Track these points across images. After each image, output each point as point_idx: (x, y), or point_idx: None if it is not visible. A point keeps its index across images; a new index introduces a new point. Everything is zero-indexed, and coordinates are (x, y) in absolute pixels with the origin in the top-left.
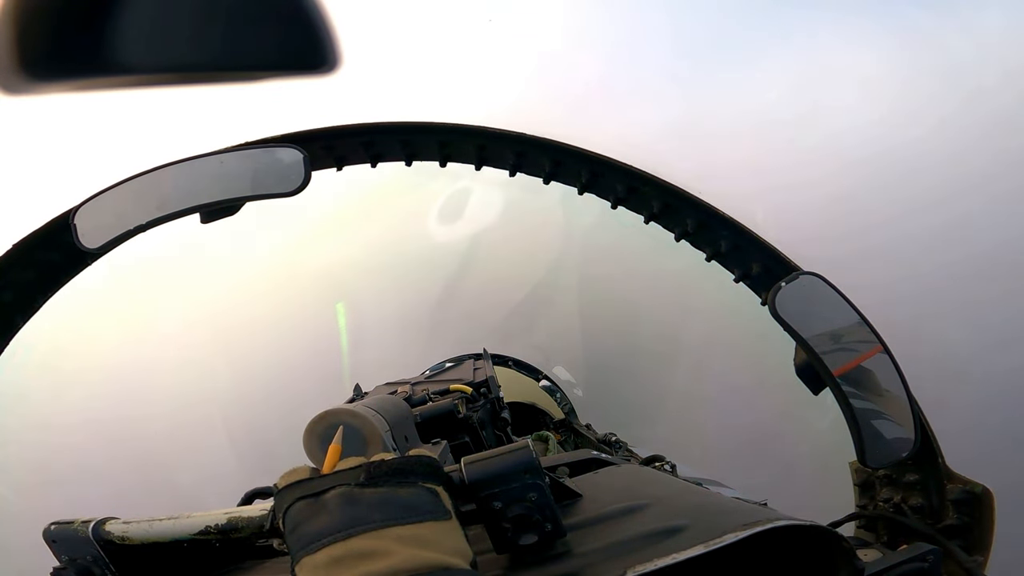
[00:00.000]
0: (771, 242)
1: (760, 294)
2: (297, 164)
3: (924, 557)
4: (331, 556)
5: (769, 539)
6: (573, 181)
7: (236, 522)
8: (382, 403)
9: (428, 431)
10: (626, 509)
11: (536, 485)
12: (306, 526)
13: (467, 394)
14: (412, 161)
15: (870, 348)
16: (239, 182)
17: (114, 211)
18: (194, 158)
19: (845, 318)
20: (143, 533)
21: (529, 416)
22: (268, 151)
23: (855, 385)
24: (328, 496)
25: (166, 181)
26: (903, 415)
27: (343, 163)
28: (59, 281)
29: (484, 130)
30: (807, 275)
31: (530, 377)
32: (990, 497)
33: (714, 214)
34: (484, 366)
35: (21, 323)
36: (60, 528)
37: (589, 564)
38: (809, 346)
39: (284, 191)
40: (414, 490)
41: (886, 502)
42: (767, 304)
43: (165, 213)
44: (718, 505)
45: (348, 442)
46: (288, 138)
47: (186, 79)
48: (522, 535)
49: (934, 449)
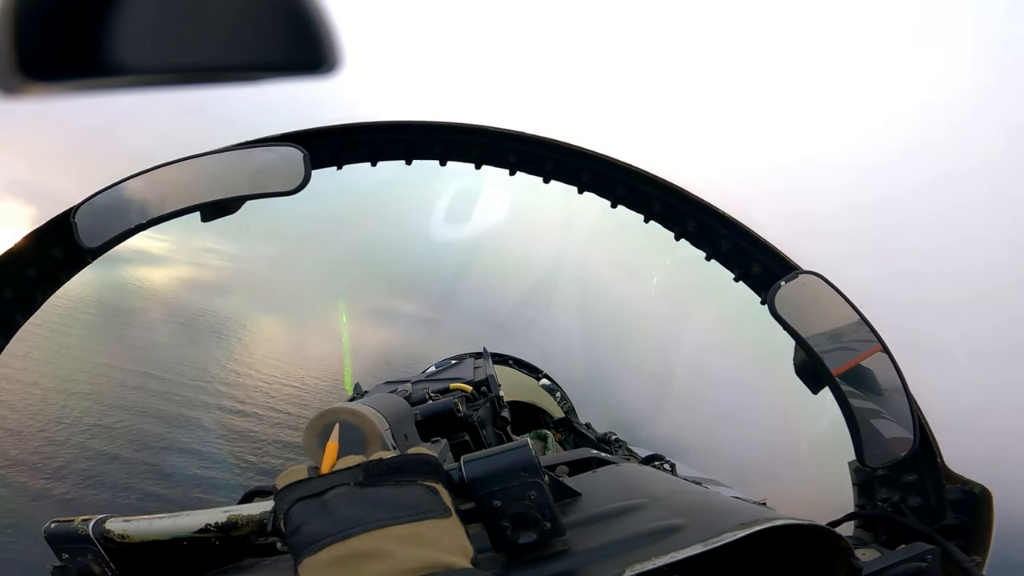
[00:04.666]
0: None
1: (760, 293)
2: (297, 163)
3: (922, 557)
4: (333, 556)
5: (768, 538)
6: (573, 180)
7: (236, 520)
8: (382, 401)
9: (428, 430)
10: (625, 508)
11: (535, 484)
12: (307, 527)
13: (467, 393)
14: (412, 160)
15: (869, 347)
16: (239, 181)
17: (115, 210)
18: (194, 157)
19: (845, 317)
20: (143, 531)
21: (529, 415)
22: (268, 150)
23: (854, 384)
24: (328, 496)
25: (166, 180)
26: (902, 415)
27: (343, 161)
28: (59, 279)
29: (484, 129)
30: (807, 274)
31: (530, 376)
32: (989, 497)
33: (714, 213)
34: (484, 365)
35: (21, 321)
36: (60, 526)
37: (588, 562)
38: (808, 345)
39: (284, 190)
40: (413, 489)
41: (885, 502)
42: (767, 303)
43: (165, 212)
44: (717, 504)
45: (348, 441)
46: (288, 137)
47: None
48: (521, 533)
49: (933, 449)
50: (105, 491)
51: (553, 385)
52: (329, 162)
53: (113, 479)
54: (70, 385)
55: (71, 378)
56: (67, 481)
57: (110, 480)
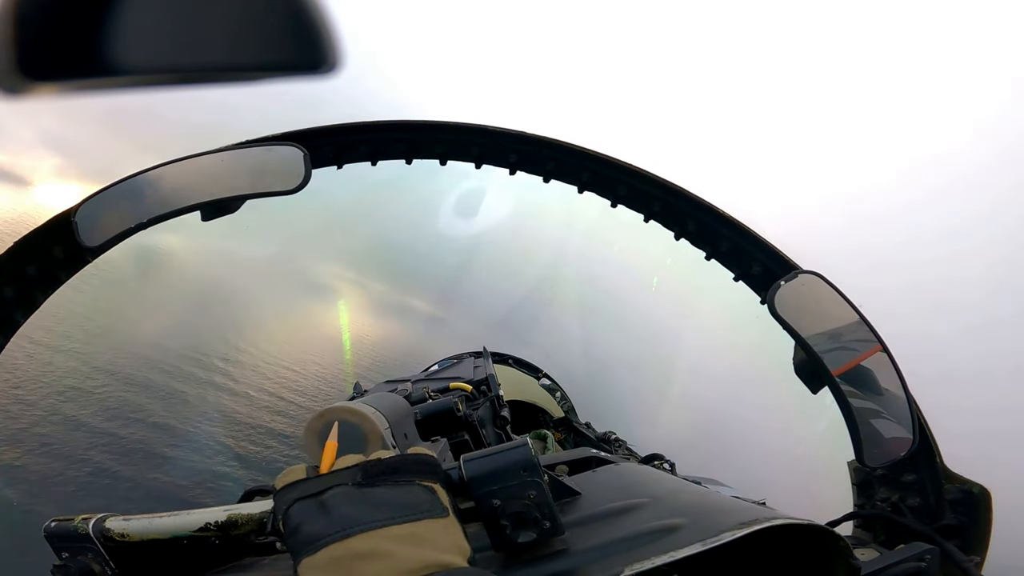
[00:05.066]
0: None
1: (760, 293)
2: (297, 162)
3: (921, 556)
4: (331, 556)
5: (767, 538)
6: (573, 180)
7: (235, 519)
8: (382, 401)
9: (428, 429)
10: (624, 507)
11: (535, 483)
12: (306, 527)
13: (467, 392)
14: (412, 159)
15: (869, 347)
16: (239, 180)
17: (115, 209)
18: (194, 156)
19: (845, 317)
20: (143, 530)
21: (529, 414)
22: (268, 149)
23: (854, 384)
24: (326, 496)
25: (167, 179)
26: (902, 415)
27: (343, 161)
28: (59, 279)
29: (484, 128)
30: (807, 274)
31: (530, 375)
32: (988, 497)
33: (714, 213)
34: (484, 364)
35: (21, 320)
36: (60, 525)
37: (587, 562)
38: (808, 345)
39: (284, 189)
40: (411, 489)
41: (884, 501)
42: (766, 303)
43: (165, 211)
44: (716, 504)
45: (347, 440)
46: (288, 136)
47: (186, 79)
48: (520, 532)
49: (932, 449)
50: (58, 462)
51: (553, 385)
52: (329, 161)
53: (71, 449)
54: (63, 343)
55: (66, 334)
56: (22, 446)
57: (67, 451)
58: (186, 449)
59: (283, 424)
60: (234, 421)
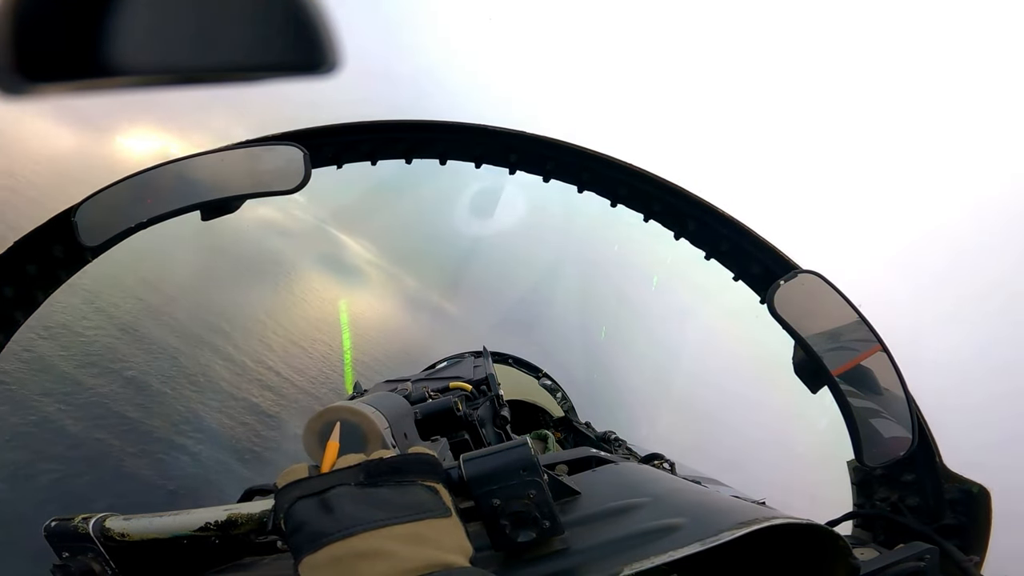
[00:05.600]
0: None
1: (759, 292)
2: (297, 161)
3: (921, 556)
4: (333, 556)
5: (766, 537)
6: (573, 179)
7: (236, 518)
8: (382, 400)
9: (428, 428)
10: (624, 507)
11: (534, 482)
12: (307, 526)
13: (467, 392)
14: (412, 159)
15: (869, 347)
16: (239, 179)
17: (115, 209)
18: (194, 156)
19: (844, 317)
20: (143, 529)
21: (529, 414)
22: (268, 148)
23: (853, 384)
24: (328, 495)
25: (166, 179)
26: (901, 414)
27: (343, 160)
28: (60, 278)
29: (484, 128)
30: (806, 273)
31: (530, 375)
32: (987, 497)
33: (714, 212)
34: (484, 363)
35: (22, 320)
36: (60, 524)
37: (587, 561)
38: (807, 345)
39: (284, 189)
40: (413, 488)
41: (883, 501)
42: (766, 302)
43: (165, 211)
44: (715, 503)
45: (347, 439)
46: (288, 135)
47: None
48: (520, 532)
49: (932, 448)
50: (3, 405)
51: (553, 385)
52: (329, 161)
53: (26, 394)
54: (76, 278)
55: (84, 269)
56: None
57: (20, 395)
58: (148, 412)
59: (269, 401)
60: (217, 389)
